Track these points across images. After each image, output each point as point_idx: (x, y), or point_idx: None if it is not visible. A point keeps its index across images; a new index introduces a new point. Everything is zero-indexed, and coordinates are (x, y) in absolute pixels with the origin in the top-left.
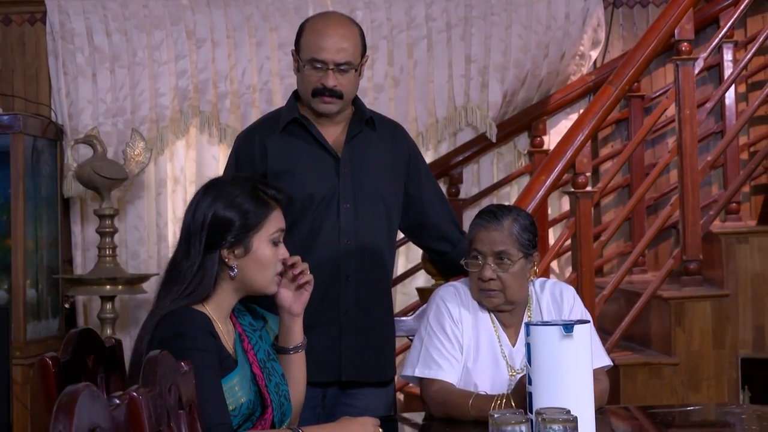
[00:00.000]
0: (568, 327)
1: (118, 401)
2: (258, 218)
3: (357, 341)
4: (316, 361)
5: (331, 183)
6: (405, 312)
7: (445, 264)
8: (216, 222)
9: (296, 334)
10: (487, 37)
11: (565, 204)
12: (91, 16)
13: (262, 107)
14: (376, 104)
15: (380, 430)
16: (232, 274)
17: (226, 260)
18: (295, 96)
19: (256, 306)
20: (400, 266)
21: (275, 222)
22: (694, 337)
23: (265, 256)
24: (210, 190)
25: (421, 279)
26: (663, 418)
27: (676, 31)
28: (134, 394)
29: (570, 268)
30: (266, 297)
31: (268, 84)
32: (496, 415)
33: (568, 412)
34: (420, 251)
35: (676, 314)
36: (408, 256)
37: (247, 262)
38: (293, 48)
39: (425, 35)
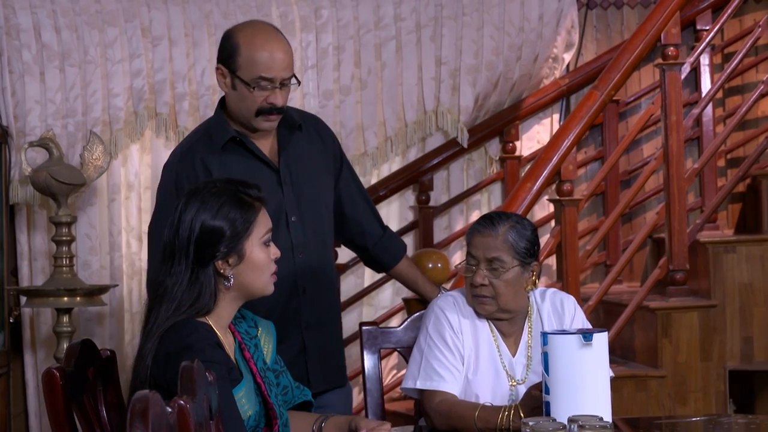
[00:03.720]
0: (587, 336)
1: (170, 409)
2: (247, 223)
3: (320, 352)
4: None
5: (278, 197)
6: (377, 323)
7: (368, 260)
8: (205, 234)
9: None
10: (458, 38)
11: (539, 212)
12: (39, 11)
13: None
14: (342, 107)
15: None
16: (227, 284)
17: (222, 271)
18: (221, 108)
19: (247, 311)
20: (367, 278)
21: (263, 223)
22: (681, 349)
23: (260, 259)
24: (192, 201)
25: (389, 290)
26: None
27: (662, 35)
28: (182, 402)
29: (543, 278)
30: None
31: None
32: (531, 423)
33: (602, 419)
34: None
35: (663, 325)
36: None
37: (243, 269)
38: (220, 64)
39: (394, 35)
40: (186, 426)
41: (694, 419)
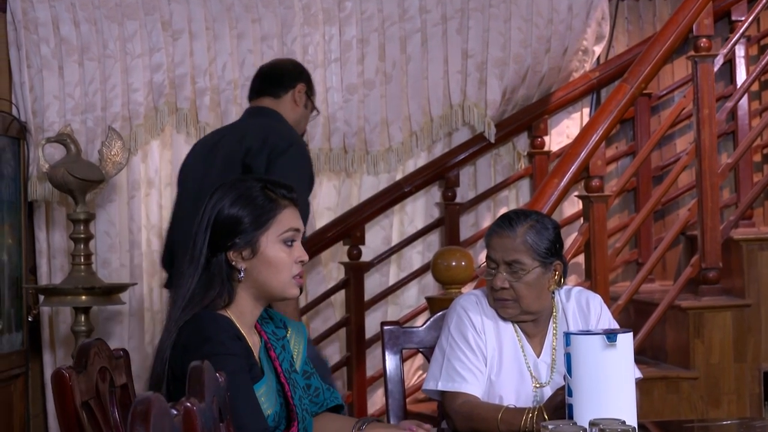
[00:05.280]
0: (611, 336)
1: (176, 412)
2: (266, 216)
3: None
4: None
5: None
6: (401, 323)
7: None
8: (221, 220)
9: None
10: (485, 30)
11: (568, 209)
12: (57, 4)
13: (243, 104)
14: (366, 102)
15: None
16: (240, 277)
17: (233, 263)
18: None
19: (276, 311)
20: (392, 276)
21: (286, 221)
22: (714, 350)
23: (277, 256)
24: (219, 190)
25: (414, 289)
26: None
27: (693, 26)
28: (188, 404)
29: (572, 276)
30: None
31: (250, 79)
32: (550, 426)
33: (624, 422)
34: (413, 261)
35: (695, 325)
36: (400, 264)
37: (257, 264)
38: (304, 84)
39: (419, 28)
40: (193, 429)
41: (727, 422)
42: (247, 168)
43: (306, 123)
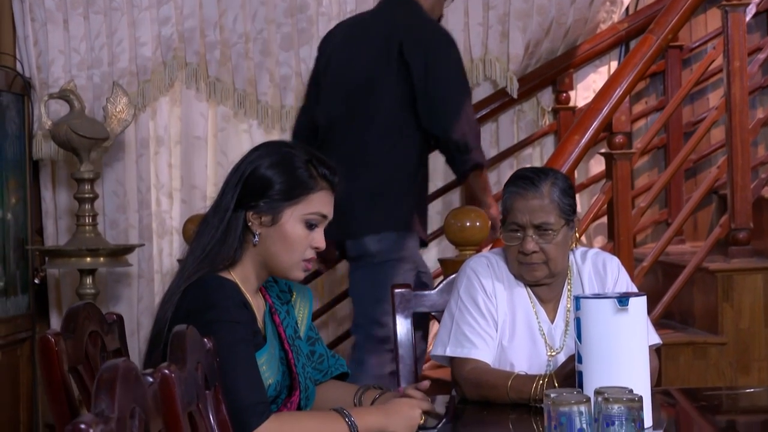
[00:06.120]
0: (623, 300)
1: (151, 379)
2: (299, 190)
3: None
4: None
5: None
6: (409, 285)
7: None
8: (254, 178)
9: None
10: None
11: (594, 167)
12: None
13: (256, 59)
14: None
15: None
16: (254, 241)
17: (250, 224)
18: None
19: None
20: None
21: (317, 203)
22: (744, 314)
23: (294, 234)
24: (263, 146)
25: (434, 250)
26: (709, 403)
27: None
28: (166, 371)
29: (599, 238)
30: None
31: (262, 33)
32: (553, 395)
33: (631, 391)
34: (432, 221)
35: (724, 288)
36: None
37: (272, 234)
38: None
39: None
40: (170, 397)
41: (757, 390)
42: (405, 64)
43: (441, 8)
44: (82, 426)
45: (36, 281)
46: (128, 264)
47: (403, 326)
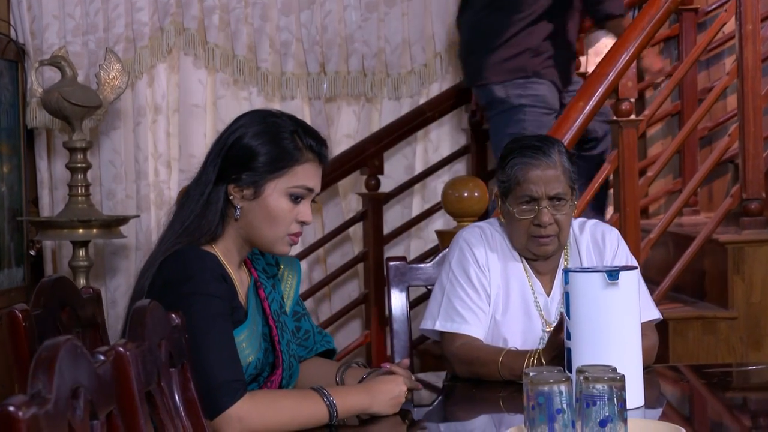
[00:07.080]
0: (612, 274)
1: (103, 357)
2: (283, 162)
3: None
4: None
5: None
6: (422, 258)
7: None
8: (237, 149)
9: None
10: None
11: None
12: None
13: (255, 24)
14: (386, 20)
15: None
16: (236, 215)
17: (231, 197)
18: None
19: None
20: (415, 207)
21: (303, 176)
22: (755, 288)
23: (277, 207)
24: (247, 115)
25: (440, 221)
26: (719, 379)
27: None
28: (120, 349)
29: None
30: None
31: None
32: (531, 374)
33: (614, 369)
34: (438, 191)
35: (734, 261)
36: (424, 195)
37: (254, 208)
38: None
39: None
40: (125, 376)
41: None
42: None
43: None
44: (11, 408)
45: (32, 253)
46: (122, 236)
47: (398, 300)
